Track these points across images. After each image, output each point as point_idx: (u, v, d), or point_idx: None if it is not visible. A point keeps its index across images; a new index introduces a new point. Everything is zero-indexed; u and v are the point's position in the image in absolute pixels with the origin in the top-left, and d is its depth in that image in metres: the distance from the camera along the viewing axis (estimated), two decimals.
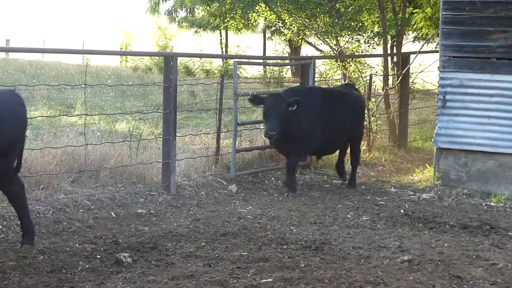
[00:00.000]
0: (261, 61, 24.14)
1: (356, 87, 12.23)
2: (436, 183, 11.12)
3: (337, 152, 11.66)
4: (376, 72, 15.00)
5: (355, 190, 10.86)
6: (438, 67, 11.34)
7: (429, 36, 17.62)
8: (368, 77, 14.92)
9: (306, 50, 32.94)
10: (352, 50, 14.46)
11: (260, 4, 15.99)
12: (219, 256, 7.29)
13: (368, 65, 14.84)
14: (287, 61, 23.14)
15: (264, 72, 31.80)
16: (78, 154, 9.87)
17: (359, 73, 14.23)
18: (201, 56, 31.45)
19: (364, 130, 13.72)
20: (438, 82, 11.35)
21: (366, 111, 12.34)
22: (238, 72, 11.02)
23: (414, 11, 19.76)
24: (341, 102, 10.99)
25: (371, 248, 7.75)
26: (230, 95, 12.80)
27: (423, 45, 16.10)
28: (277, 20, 15.36)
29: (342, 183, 11.45)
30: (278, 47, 38.07)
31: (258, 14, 16.08)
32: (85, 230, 8.14)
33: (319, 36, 14.50)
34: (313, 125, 10.56)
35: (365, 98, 13.66)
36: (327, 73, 14.25)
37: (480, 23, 10.90)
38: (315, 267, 6.98)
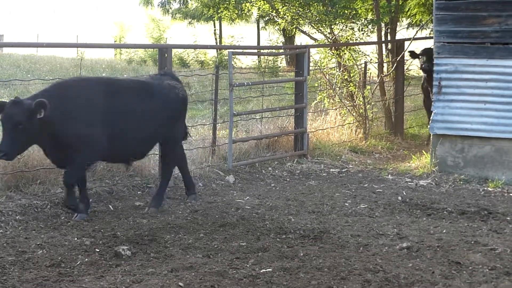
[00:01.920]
0: (256, 51, 24.12)
1: (176, 75, 9.81)
2: (433, 169, 11.12)
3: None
4: (371, 59, 14.98)
5: (157, 210, 8.77)
6: (433, 53, 11.33)
7: (423, 22, 17.55)
8: (363, 65, 14.90)
9: (300, 39, 32.83)
10: (346, 38, 14.43)
11: None
12: (218, 247, 7.29)
13: (362, 52, 14.81)
14: (281, 51, 23.12)
15: (259, 62, 31.78)
16: None
17: (354, 61, 14.21)
18: (195, 47, 31.48)
19: (361, 118, 13.76)
20: (433, 68, 11.34)
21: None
22: (232, 63, 10.99)
23: None
24: (140, 95, 8.78)
25: (369, 236, 7.76)
26: (225, 85, 12.78)
27: (417, 32, 16.02)
28: (270, 10, 15.29)
29: (340, 171, 11.44)
30: (272, 36, 38.05)
31: (251, 4, 16.01)
32: (83, 224, 8.13)
33: (313, 24, 14.45)
34: (93, 126, 8.30)
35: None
36: (322, 62, 14.23)
37: (474, 8, 10.87)
38: (314, 256, 6.99)
